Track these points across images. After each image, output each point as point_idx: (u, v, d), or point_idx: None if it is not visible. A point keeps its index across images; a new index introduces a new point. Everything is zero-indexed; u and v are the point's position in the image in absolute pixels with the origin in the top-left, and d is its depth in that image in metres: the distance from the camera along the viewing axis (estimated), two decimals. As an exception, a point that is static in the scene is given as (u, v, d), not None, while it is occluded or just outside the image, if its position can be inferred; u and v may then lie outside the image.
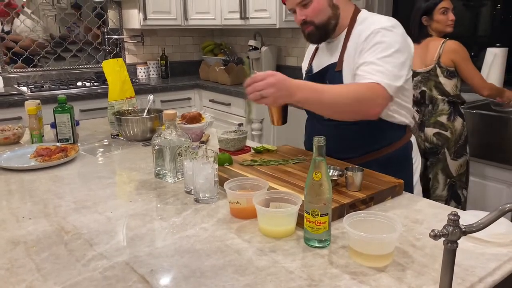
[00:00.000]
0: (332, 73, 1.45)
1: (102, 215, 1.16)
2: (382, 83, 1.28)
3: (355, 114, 1.33)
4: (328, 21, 1.42)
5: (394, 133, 1.49)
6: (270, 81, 1.20)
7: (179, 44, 4.29)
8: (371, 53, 1.33)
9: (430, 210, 1.17)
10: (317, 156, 0.94)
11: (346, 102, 1.28)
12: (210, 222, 1.11)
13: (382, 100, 1.30)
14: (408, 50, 1.36)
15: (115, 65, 1.94)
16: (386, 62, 1.30)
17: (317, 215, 0.95)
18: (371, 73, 1.31)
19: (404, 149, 1.51)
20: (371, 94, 1.28)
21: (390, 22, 1.37)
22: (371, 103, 1.29)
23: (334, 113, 1.35)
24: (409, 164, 1.53)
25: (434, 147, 2.39)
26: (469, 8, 3.39)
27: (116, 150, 1.78)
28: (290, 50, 3.72)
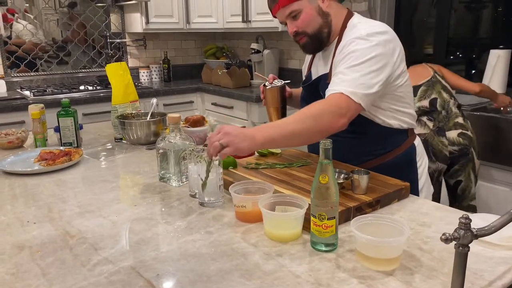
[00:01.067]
0: (324, 84, 1.41)
1: (107, 219, 1.15)
2: (344, 92, 1.24)
3: (321, 134, 1.23)
4: (320, 30, 1.41)
5: (395, 138, 1.47)
6: (226, 130, 1.17)
7: (181, 48, 4.30)
8: (341, 65, 1.31)
9: (437, 213, 1.16)
10: (323, 159, 0.93)
11: (308, 126, 1.22)
12: (216, 226, 1.10)
13: (346, 110, 1.24)
14: (387, 58, 1.30)
15: (118, 69, 1.94)
16: (353, 71, 1.27)
17: (324, 219, 0.94)
18: (335, 83, 1.28)
19: (407, 153, 1.50)
20: (329, 108, 1.24)
21: (369, 30, 1.32)
22: (332, 117, 1.23)
23: (301, 141, 1.28)
24: (413, 168, 1.51)
25: (464, 147, 2.36)
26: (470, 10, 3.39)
27: (120, 153, 1.78)
28: (293, 53, 3.72)
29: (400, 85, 1.38)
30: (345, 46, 1.33)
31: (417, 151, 1.53)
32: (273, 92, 1.61)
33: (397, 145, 1.47)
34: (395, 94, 1.39)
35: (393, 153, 1.46)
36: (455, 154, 2.37)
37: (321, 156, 0.94)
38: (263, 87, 1.63)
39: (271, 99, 1.61)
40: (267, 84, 1.62)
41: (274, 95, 1.61)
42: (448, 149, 2.36)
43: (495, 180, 2.59)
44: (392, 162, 1.45)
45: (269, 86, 1.61)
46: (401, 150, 1.48)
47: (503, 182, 2.56)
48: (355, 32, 1.34)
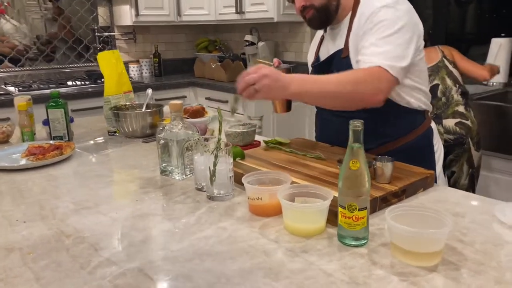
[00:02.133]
0: (339, 60, 1.35)
1: (106, 216, 1.03)
2: (382, 65, 1.17)
3: (356, 103, 1.21)
4: (328, 2, 1.32)
5: (413, 119, 1.39)
6: (264, 72, 1.10)
7: (172, 42, 4.17)
8: (371, 35, 1.23)
9: (468, 202, 1.07)
10: (353, 142, 0.83)
11: (345, 91, 1.16)
12: (229, 221, 0.99)
13: (385, 84, 1.19)
14: (414, 27, 1.25)
15: (111, 58, 1.81)
16: (387, 42, 1.20)
17: (355, 210, 0.84)
18: (370, 56, 1.21)
19: (425, 136, 1.41)
20: (371, 79, 1.18)
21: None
22: (372, 89, 1.17)
23: (334, 103, 1.23)
24: (431, 153, 1.43)
25: (459, 137, 2.29)
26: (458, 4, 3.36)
27: (115, 147, 1.65)
28: (288, 45, 3.62)
29: (420, 58, 1.32)
30: (370, 16, 1.24)
31: (434, 134, 1.44)
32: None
33: (415, 127, 1.39)
34: (415, 68, 1.31)
35: (410, 136, 1.37)
36: (449, 143, 2.31)
37: (350, 139, 0.84)
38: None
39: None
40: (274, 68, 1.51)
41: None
42: (444, 137, 2.29)
43: (499, 170, 2.53)
44: (408, 145, 1.36)
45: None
46: (418, 132, 1.39)
47: (503, 171, 2.50)
48: (377, 1, 1.25)
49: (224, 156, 1.09)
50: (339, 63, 1.34)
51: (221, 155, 1.08)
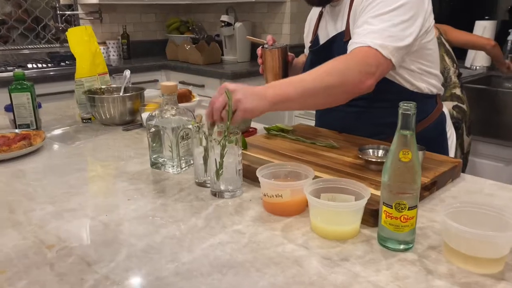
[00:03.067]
0: (341, 45, 1.20)
1: (95, 220, 0.86)
2: (372, 45, 1.03)
3: (339, 96, 1.06)
4: None
5: (426, 104, 1.27)
6: (230, 88, 0.96)
7: (141, 22, 3.90)
8: (366, 13, 1.10)
9: (504, 193, 0.97)
10: (404, 129, 0.70)
11: (329, 84, 1.01)
12: (243, 223, 0.84)
13: (374, 68, 1.03)
14: (419, 5, 1.09)
15: (83, 34, 1.60)
16: (382, 21, 1.06)
17: (404, 209, 0.71)
18: (361, 36, 1.07)
19: (438, 122, 1.31)
20: (357, 63, 1.03)
21: None
22: (359, 74, 1.02)
23: (315, 101, 1.06)
24: (444, 139, 1.33)
25: (456, 121, 2.21)
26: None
27: (91, 136, 1.46)
28: (266, 27, 3.45)
29: (429, 40, 1.19)
30: None
31: (447, 120, 1.34)
32: (274, 55, 1.36)
33: (427, 114, 1.28)
34: (425, 52, 1.19)
35: (423, 124, 1.26)
36: None
37: (400, 124, 0.70)
38: (262, 49, 1.38)
39: (271, 63, 1.37)
40: (267, 46, 1.37)
41: (275, 59, 1.36)
42: None
43: (484, 155, 2.49)
44: (424, 131, 1.24)
45: (270, 48, 1.36)
46: (431, 119, 1.28)
47: (491, 156, 2.47)
48: None
49: (232, 148, 0.93)
50: (341, 48, 1.18)
51: (229, 145, 0.93)
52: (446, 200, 0.93)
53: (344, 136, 1.27)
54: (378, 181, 0.93)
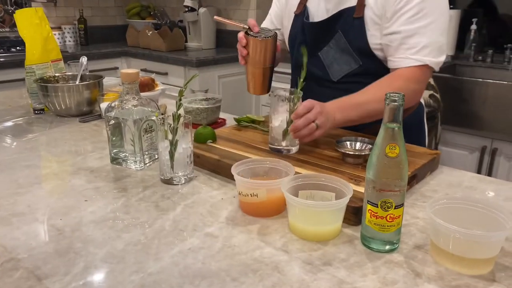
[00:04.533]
0: (349, 21, 1.14)
1: (47, 226, 0.76)
2: (430, 64, 1.05)
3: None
4: None
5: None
6: (319, 110, 0.98)
7: (98, 6, 3.70)
8: (410, 19, 1.05)
9: (483, 185, 0.94)
10: (391, 121, 0.64)
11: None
12: (216, 224, 0.77)
13: (426, 83, 1.12)
14: (447, 5, 1.09)
15: (33, 17, 1.46)
16: (431, 31, 1.04)
17: (391, 207, 0.66)
18: (415, 49, 1.05)
19: (416, 113, 1.29)
20: (413, 84, 1.07)
21: None
22: (415, 94, 1.10)
23: (372, 119, 1.08)
24: (422, 129, 1.31)
25: (432, 110, 2.20)
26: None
27: (44, 129, 1.33)
28: (232, 13, 3.34)
29: None
30: None
31: (424, 110, 1.32)
32: (266, 46, 1.10)
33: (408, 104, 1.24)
34: None
35: (408, 111, 1.23)
36: None
37: (386, 117, 0.65)
38: (248, 37, 1.10)
39: (260, 55, 1.11)
40: (253, 34, 1.10)
41: (267, 50, 1.11)
42: None
43: (450, 144, 2.53)
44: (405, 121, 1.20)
45: (259, 37, 1.09)
46: (414, 107, 1.26)
47: (465, 146, 2.50)
48: None
49: (184, 138, 0.87)
50: (349, 24, 1.13)
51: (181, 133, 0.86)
52: (427, 194, 0.89)
53: (318, 127, 1.21)
54: (357, 175, 0.88)
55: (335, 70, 1.20)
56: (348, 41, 1.15)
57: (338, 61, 1.19)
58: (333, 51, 1.20)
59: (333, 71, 1.21)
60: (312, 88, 1.23)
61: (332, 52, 1.20)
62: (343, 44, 1.16)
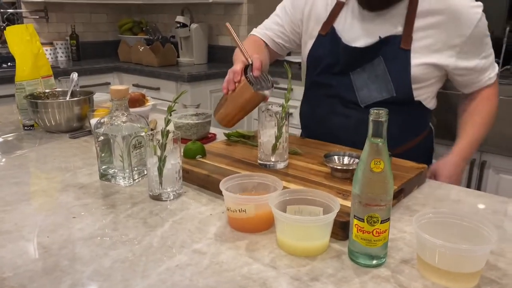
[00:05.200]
0: (393, 49, 1.13)
1: (34, 243, 0.76)
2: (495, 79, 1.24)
3: None
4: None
5: (429, 118, 1.30)
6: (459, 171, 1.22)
7: (91, 22, 3.72)
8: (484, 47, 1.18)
9: (471, 199, 0.95)
10: (375, 137, 0.65)
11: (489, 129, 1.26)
12: (204, 241, 0.77)
13: None
14: None
15: (23, 33, 1.47)
16: (492, 55, 1.21)
17: (377, 222, 0.66)
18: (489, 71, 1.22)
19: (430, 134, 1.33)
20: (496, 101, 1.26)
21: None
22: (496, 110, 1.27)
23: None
24: (431, 151, 1.35)
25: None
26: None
27: (34, 145, 1.33)
28: (223, 29, 3.38)
29: None
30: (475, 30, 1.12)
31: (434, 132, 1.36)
32: (252, 96, 1.02)
33: (424, 129, 1.29)
34: None
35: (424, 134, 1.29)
36: None
37: (370, 132, 0.66)
38: (244, 80, 1.02)
39: (243, 100, 1.03)
40: (252, 80, 1.02)
41: (249, 99, 1.02)
42: None
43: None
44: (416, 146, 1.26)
45: (254, 86, 1.02)
46: (424, 135, 1.29)
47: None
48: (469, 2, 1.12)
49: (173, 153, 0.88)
50: (392, 52, 1.13)
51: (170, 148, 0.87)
52: (414, 208, 0.90)
53: (307, 141, 1.22)
54: (345, 190, 0.88)
55: (364, 96, 1.18)
56: (388, 69, 1.14)
57: (369, 86, 1.17)
58: (367, 75, 1.17)
59: (362, 95, 1.18)
60: (336, 109, 1.23)
61: (365, 76, 1.17)
62: (381, 70, 1.15)
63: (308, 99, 1.35)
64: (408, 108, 1.19)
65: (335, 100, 1.22)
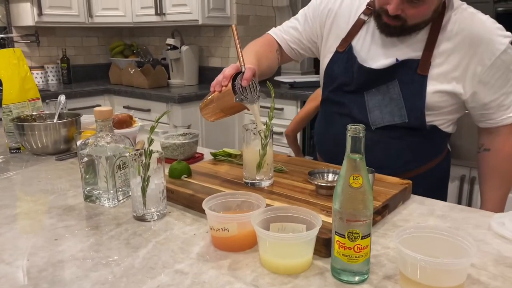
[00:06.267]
0: (410, 74, 1.11)
1: (13, 267, 0.75)
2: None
3: None
4: (421, 22, 1.10)
5: (446, 142, 1.29)
6: None
7: (82, 46, 3.76)
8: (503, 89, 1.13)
9: (454, 214, 0.95)
10: (353, 153, 0.66)
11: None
12: (187, 261, 0.76)
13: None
14: None
15: (10, 57, 1.48)
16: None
17: (358, 238, 0.66)
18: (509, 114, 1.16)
19: (447, 157, 1.32)
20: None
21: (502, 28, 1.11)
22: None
23: None
24: (447, 174, 1.35)
25: None
26: None
27: (19, 168, 1.32)
28: (213, 50, 3.42)
29: None
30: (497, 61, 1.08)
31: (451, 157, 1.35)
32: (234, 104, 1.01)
33: (441, 152, 1.28)
34: None
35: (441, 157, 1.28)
36: None
37: (349, 148, 0.66)
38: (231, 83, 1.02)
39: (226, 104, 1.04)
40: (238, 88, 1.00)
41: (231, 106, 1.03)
42: None
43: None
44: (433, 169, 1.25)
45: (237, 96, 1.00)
46: (441, 158, 1.28)
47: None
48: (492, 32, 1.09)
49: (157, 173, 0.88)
50: (408, 76, 1.11)
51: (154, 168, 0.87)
52: (399, 224, 0.90)
53: (293, 159, 1.23)
54: (328, 207, 0.88)
55: (376, 117, 1.17)
56: (403, 94, 1.12)
57: (382, 109, 1.15)
58: (380, 97, 1.15)
59: (373, 117, 1.17)
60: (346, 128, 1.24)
61: (378, 97, 1.16)
62: (395, 94, 1.13)
63: (322, 114, 1.35)
64: (422, 133, 1.16)
65: (346, 119, 1.19)
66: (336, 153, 1.17)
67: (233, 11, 3.19)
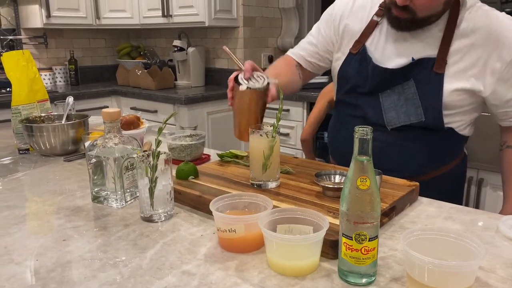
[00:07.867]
0: (426, 73, 1.11)
1: (22, 267, 0.76)
2: None
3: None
4: (431, 14, 1.09)
5: (463, 144, 1.28)
6: None
7: (89, 47, 3.78)
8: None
9: (462, 216, 0.95)
10: (361, 155, 0.66)
11: None
12: (194, 262, 0.77)
13: None
14: None
15: (20, 59, 1.49)
16: None
17: (365, 240, 0.66)
18: None
19: (464, 160, 1.30)
20: None
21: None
22: None
23: None
24: (463, 178, 1.33)
25: None
26: None
27: (28, 169, 1.34)
28: (220, 52, 3.43)
29: None
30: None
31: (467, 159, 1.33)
32: (249, 95, 1.03)
33: (457, 156, 1.26)
34: None
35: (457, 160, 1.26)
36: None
37: (356, 150, 0.66)
38: (235, 84, 1.07)
39: (243, 103, 1.06)
40: (242, 81, 1.05)
41: (249, 99, 1.04)
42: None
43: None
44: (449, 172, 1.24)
45: (245, 86, 1.04)
46: (458, 161, 1.26)
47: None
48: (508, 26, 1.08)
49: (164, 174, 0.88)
50: (424, 75, 1.11)
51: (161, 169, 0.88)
52: (406, 226, 0.90)
53: (299, 161, 1.23)
54: (335, 209, 0.88)
55: (392, 118, 1.16)
56: (419, 93, 1.11)
57: (397, 109, 1.15)
58: (396, 97, 1.15)
59: (389, 118, 1.16)
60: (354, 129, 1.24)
61: (394, 98, 1.15)
62: (411, 93, 1.12)
63: (336, 116, 1.35)
64: (439, 134, 1.15)
65: (360, 121, 1.19)
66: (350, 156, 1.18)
67: (240, 12, 3.19)
